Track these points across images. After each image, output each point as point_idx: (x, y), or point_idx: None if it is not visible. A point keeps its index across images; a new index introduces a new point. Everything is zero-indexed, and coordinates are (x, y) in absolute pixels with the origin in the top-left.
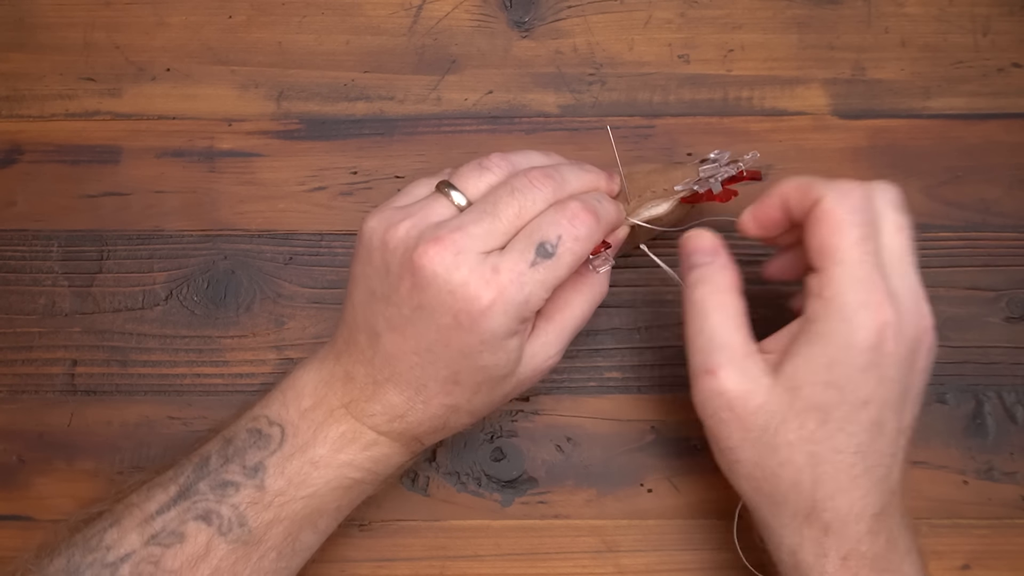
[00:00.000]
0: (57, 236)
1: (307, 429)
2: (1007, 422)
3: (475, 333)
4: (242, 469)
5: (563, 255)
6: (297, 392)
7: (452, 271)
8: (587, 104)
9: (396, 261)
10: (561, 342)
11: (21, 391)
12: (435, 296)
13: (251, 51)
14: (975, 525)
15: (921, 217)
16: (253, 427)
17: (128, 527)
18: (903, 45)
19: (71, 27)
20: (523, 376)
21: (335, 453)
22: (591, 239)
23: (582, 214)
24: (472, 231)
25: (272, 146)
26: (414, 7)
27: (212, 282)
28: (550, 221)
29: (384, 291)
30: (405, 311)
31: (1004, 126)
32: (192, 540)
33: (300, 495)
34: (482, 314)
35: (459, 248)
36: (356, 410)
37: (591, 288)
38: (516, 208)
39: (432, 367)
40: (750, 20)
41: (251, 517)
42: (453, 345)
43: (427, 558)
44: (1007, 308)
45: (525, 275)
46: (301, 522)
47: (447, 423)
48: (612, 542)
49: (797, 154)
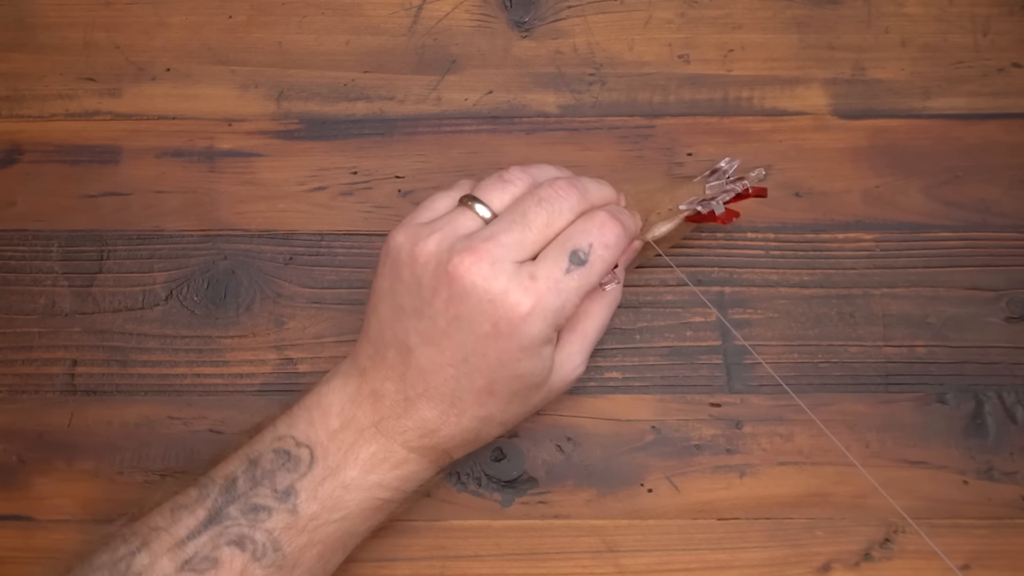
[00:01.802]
0: (57, 236)
1: (337, 451)
2: (1007, 422)
3: (515, 340)
4: (273, 493)
5: (595, 262)
6: (324, 411)
7: (491, 280)
8: (587, 104)
9: (428, 274)
10: (585, 351)
11: (21, 391)
12: (475, 306)
13: (251, 51)
14: (975, 525)
15: (921, 217)
16: (280, 448)
17: (158, 552)
18: (903, 45)
19: (71, 27)
20: (553, 386)
21: (366, 475)
22: (619, 247)
23: (610, 223)
24: (504, 240)
25: (272, 146)
26: (414, 7)
27: (212, 282)
28: (581, 230)
29: (416, 305)
30: (440, 323)
31: (1004, 126)
32: (227, 566)
33: (333, 519)
34: (523, 321)
35: (494, 258)
36: (386, 428)
37: (610, 296)
38: (545, 218)
39: (468, 378)
40: (750, 20)
41: (285, 542)
42: (491, 354)
43: (427, 558)
44: (1007, 308)
45: (561, 282)
46: (334, 545)
47: (479, 435)
48: (612, 542)
49: (797, 154)
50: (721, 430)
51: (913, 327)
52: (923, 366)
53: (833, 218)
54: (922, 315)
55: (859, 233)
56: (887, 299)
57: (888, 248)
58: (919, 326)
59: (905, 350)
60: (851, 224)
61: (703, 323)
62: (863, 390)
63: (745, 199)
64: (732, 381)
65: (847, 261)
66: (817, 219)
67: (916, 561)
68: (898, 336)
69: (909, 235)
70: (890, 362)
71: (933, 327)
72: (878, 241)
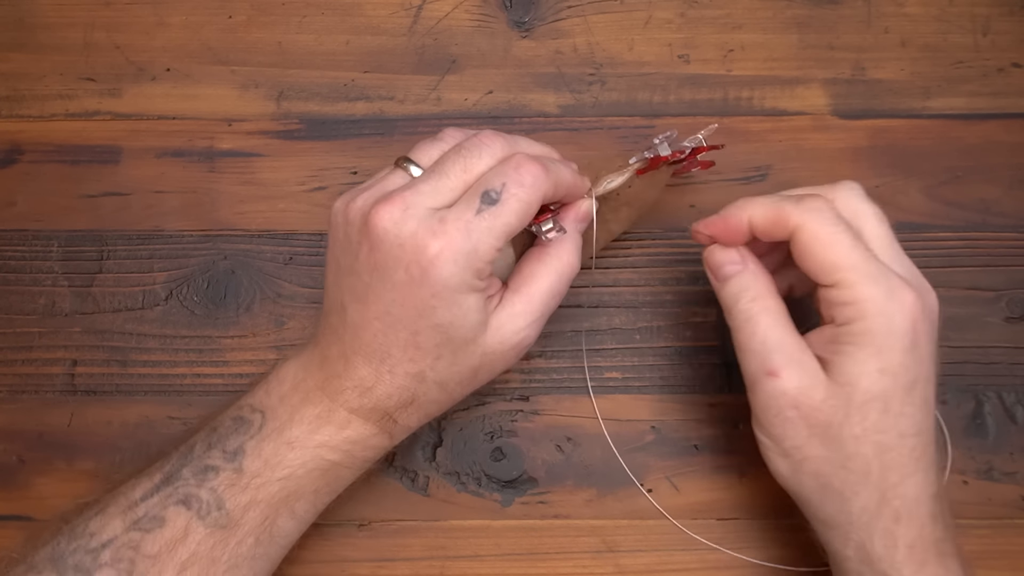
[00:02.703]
0: (57, 236)
1: (284, 412)
2: (1007, 422)
3: (427, 286)
4: (223, 454)
5: (507, 200)
6: (279, 379)
7: (400, 225)
8: (587, 104)
9: (355, 230)
10: (530, 315)
11: (21, 391)
12: (388, 252)
13: (251, 51)
14: (975, 525)
15: (921, 217)
16: (237, 415)
17: (112, 514)
18: (903, 45)
19: (71, 27)
20: (490, 347)
21: (310, 434)
22: (537, 188)
23: (527, 163)
24: (420, 188)
25: (272, 146)
26: (414, 7)
27: (212, 282)
28: (496, 172)
29: (348, 262)
30: (365, 278)
31: (1004, 126)
32: (171, 524)
33: (276, 477)
34: (431, 263)
35: (407, 204)
36: (330, 389)
37: (556, 259)
38: (462, 164)
39: (392, 331)
40: (750, 20)
41: (228, 499)
42: (408, 303)
43: (427, 558)
44: (1007, 308)
45: (472, 223)
46: (277, 505)
47: (415, 395)
48: (612, 542)
49: (797, 154)
50: (721, 430)
51: None
52: None
53: None
54: None
55: None
56: None
57: None
58: None
59: None
60: None
61: (703, 323)
62: None
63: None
64: (732, 381)
65: None
66: None
67: None
68: None
69: (909, 235)
70: None
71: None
72: None
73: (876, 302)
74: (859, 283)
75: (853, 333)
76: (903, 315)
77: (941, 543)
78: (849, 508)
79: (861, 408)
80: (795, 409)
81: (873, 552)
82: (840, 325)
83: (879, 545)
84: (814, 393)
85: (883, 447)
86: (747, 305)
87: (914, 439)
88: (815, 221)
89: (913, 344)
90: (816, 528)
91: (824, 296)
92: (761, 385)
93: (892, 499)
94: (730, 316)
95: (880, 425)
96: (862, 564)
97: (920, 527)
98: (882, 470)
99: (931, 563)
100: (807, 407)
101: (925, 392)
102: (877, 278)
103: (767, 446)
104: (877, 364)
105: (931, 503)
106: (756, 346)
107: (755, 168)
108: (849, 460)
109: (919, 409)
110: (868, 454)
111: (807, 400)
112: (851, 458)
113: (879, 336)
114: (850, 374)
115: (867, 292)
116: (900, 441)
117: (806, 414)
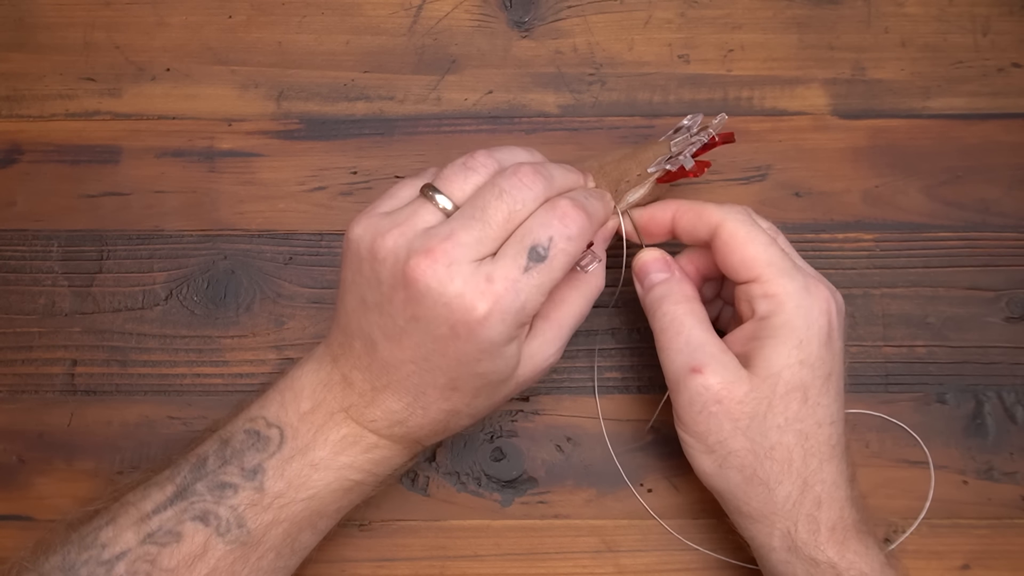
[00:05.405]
0: (57, 236)
1: (307, 432)
2: (1007, 422)
3: (473, 343)
4: (240, 471)
5: (556, 256)
6: (295, 394)
7: (446, 284)
8: (587, 104)
9: (387, 272)
10: (559, 340)
11: (21, 391)
12: (430, 309)
13: (251, 51)
14: (975, 525)
15: (921, 217)
16: (251, 428)
17: (124, 525)
18: (903, 45)
19: (71, 27)
20: (522, 377)
21: (336, 456)
22: (583, 237)
23: (572, 212)
24: (462, 239)
25: (272, 146)
26: (414, 7)
27: (212, 282)
28: (541, 223)
29: (376, 301)
30: (400, 322)
31: (1004, 126)
32: (189, 540)
33: (300, 497)
34: (479, 324)
35: (451, 259)
36: (356, 414)
37: (587, 284)
38: (506, 212)
39: (430, 375)
40: (750, 20)
41: (250, 519)
42: (450, 354)
43: (427, 558)
44: (1007, 308)
45: (520, 282)
46: (301, 523)
47: (448, 426)
48: (612, 542)
49: (797, 154)
50: None
51: (913, 327)
52: (923, 366)
53: (833, 218)
54: (922, 315)
55: (859, 233)
56: (887, 299)
57: (888, 248)
58: (919, 326)
59: (905, 350)
60: (851, 224)
61: None
62: (863, 390)
63: (713, 148)
64: None
65: (847, 261)
66: (817, 219)
67: (916, 561)
68: (898, 336)
69: (909, 235)
70: (890, 362)
71: (933, 327)
72: (878, 241)
73: (794, 296)
74: (777, 278)
75: (773, 326)
76: (819, 309)
77: (859, 523)
78: (774, 498)
79: (784, 398)
80: (718, 404)
81: (798, 538)
82: (760, 319)
83: (803, 531)
84: (737, 388)
85: (804, 435)
86: (671, 307)
87: (830, 427)
88: (734, 221)
89: (829, 337)
90: (741, 524)
91: (743, 293)
92: (685, 383)
93: (814, 484)
94: (654, 319)
95: (801, 414)
96: (788, 552)
97: (840, 509)
98: (804, 457)
99: (852, 541)
100: (730, 401)
101: (838, 384)
102: (793, 274)
103: (691, 445)
104: (798, 356)
105: (847, 487)
106: (680, 346)
107: (755, 168)
108: (772, 450)
109: (834, 400)
110: (790, 443)
111: (730, 395)
112: (774, 448)
113: (799, 329)
114: (772, 366)
115: (785, 287)
116: (818, 429)
117: (729, 408)
